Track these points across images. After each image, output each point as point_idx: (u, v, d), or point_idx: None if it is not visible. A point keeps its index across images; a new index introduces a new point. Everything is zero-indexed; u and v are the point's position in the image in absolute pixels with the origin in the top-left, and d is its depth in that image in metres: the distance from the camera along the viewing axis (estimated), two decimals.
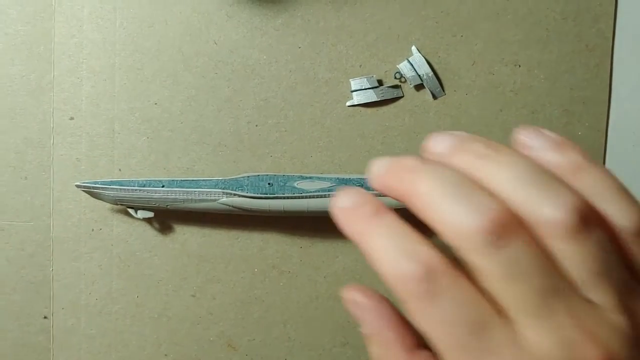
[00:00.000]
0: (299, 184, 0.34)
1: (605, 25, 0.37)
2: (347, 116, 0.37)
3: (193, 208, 0.35)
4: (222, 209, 0.34)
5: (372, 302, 0.22)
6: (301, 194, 0.34)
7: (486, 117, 0.37)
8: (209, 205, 0.34)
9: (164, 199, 0.34)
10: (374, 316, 0.22)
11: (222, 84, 0.37)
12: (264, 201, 0.34)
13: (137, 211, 0.35)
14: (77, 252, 0.37)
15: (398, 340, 0.22)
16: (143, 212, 0.35)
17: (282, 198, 0.34)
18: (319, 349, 0.38)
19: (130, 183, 0.34)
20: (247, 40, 0.36)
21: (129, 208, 0.35)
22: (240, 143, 0.37)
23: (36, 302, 0.37)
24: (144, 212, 0.35)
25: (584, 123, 0.37)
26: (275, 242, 0.37)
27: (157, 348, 0.38)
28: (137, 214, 0.35)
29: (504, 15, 0.36)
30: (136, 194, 0.34)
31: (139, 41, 0.36)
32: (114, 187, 0.34)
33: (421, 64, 0.36)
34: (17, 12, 0.36)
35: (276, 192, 0.34)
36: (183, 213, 0.36)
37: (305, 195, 0.34)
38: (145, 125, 0.37)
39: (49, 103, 0.36)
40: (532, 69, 0.37)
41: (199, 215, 0.36)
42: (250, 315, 0.38)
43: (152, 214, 0.35)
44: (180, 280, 0.37)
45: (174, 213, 0.36)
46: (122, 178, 0.36)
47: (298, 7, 0.36)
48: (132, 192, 0.34)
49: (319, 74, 0.37)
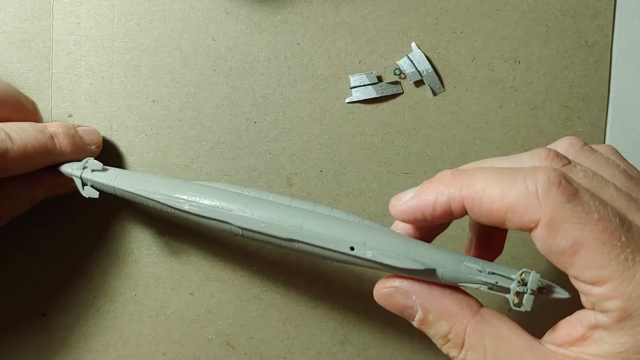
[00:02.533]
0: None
1: (605, 22, 0.37)
2: (347, 113, 0.37)
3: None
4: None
5: (419, 283, 0.24)
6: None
7: (486, 113, 0.37)
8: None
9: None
10: (427, 295, 0.23)
11: (221, 81, 0.36)
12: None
13: (84, 187, 0.32)
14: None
15: (461, 307, 0.23)
16: (89, 190, 0.32)
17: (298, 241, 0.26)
18: (318, 347, 0.38)
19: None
20: (246, 37, 0.36)
21: (79, 184, 0.32)
22: (239, 140, 0.37)
23: (35, 299, 0.37)
24: (89, 190, 0.32)
25: (584, 119, 0.37)
26: None
27: (156, 346, 0.37)
28: (83, 190, 0.32)
29: (504, 11, 0.36)
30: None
31: (137, 38, 0.36)
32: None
33: (421, 60, 0.36)
34: (15, 10, 0.36)
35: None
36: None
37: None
38: (143, 122, 0.36)
39: (48, 100, 0.36)
40: (532, 65, 0.37)
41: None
42: (249, 314, 0.37)
43: (97, 193, 0.32)
44: (178, 279, 0.37)
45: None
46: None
47: (297, 3, 0.36)
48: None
49: (318, 71, 0.36)
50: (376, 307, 0.25)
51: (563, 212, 0.20)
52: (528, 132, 0.37)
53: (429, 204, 0.23)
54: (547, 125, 0.37)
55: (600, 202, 0.20)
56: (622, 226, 0.19)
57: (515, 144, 0.37)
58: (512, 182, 0.21)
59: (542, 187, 0.20)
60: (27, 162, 0.30)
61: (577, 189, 0.20)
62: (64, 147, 0.32)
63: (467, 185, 0.22)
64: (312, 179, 0.37)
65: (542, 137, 0.37)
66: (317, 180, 0.37)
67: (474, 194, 0.21)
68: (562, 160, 0.23)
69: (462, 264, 0.23)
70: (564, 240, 0.20)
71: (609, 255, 0.19)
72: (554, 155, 0.23)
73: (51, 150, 0.31)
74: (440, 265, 0.23)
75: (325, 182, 0.37)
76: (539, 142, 0.37)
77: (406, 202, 0.23)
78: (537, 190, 0.20)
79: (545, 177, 0.20)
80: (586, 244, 0.19)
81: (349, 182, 0.37)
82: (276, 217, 0.26)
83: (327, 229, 0.25)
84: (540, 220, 0.20)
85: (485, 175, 0.21)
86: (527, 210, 0.20)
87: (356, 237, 0.24)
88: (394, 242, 0.24)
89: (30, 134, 0.30)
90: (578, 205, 0.20)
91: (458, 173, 0.22)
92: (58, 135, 0.32)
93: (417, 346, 0.38)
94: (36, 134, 0.31)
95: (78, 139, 0.33)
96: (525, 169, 0.21)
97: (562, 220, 0.20)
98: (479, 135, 0.37)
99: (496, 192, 0.21)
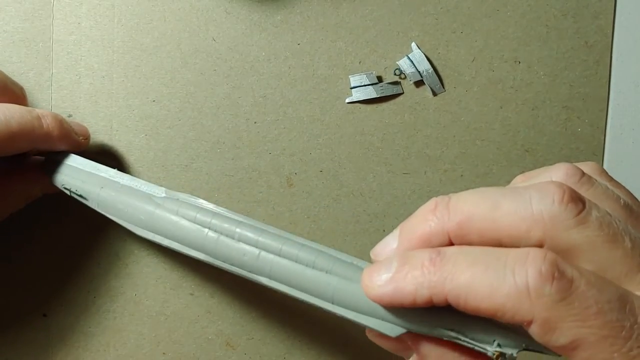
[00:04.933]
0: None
1: (605, 22, 0.37)
2: (347, 113, 0.37)
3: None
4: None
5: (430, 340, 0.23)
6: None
7: (486, 113, 0.37)
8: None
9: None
10: (423, 343, 0.23)
11: (221, 81, 0.36)
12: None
13: (71, 192, 0.32)
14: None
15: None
16: (78, 198, 0.32)
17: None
18: (319, 347, 0.38)
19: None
20: (246, 37, 0.36)
21: (65, 189, 0.32)
22: (239, 140, 0.37)
23: (35, 299, 0.37)
24: (79, 198, 0.32)
25: (584, 120, 0.37)
26: None
27: (156, 346, 0.37)
28: (71, 193, 0.32)
29: (504, 11, 0.36)
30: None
31: (137, 38, 0.36)
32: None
33: (421, 60, 0.36)
34: (15, 10, 0.36)
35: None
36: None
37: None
38: (143, 122, 0.36)
39: (48, 100, 0.36)
40: (532, 65, 0.37)
41: None
42: (249, 314, 0.37)
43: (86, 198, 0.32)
44: (178, 279, 0.37)
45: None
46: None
47: (297, 3, 0.36)
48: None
49: (318, 71, 0.36)
50: None
51: (558, 311, 0.18)
52: (528, 132, 0.37)
53: (409, 297, 0.21)
54: (547, 125, 0.37)
55: (598, 290, 0.18)
56: (623, 312, 0.18)
57: (515, 144, 0.37)
58: (501, 277, 0.19)
59: (534, 283, 0.18)
60: (11, 141, 0.29)
61: (571, 279, 0.19)
62: (51, 128, 0.31)
63: (451, 279, 0.20)
64: (312, 179, 0.37)
65: (542, 138, 0.37)
66: (317, 180, 0.37)
67: (459, 290, 0.20)
68: (577, 205, 0.20)
69: (436, 328, 0.22)
70: (561, 338, 0.18)
71: (611, 348, 0.18)
72: (568, 200, 0.20)
73: (37, 130, 0.30)
74: (415, 329, 0.22)
75: (325, 182, 0.37)
76: (539, 143, 0.37)
77: (381, 287, 0.22)
78: (527, 288, 0.19)
79: (536, 272, 0.19)
80: (586, 340, 0.18)
81: (349, 181, 0.37)
82: (243, 272, 0.27)
83: (295, 283, 0.25)
84: (534, 320, 0.19)
85: (469, 268, 0.20)
86: (518, 310, 0.19)
87: (324, 294, 0.24)
88: (364, 298, 0.23)
89: (15, 111, 0.29)
90: (574, 301, 0.18)
91: (438, 261, 0.20)
92: (46, 117, 0.31)
93: None
94: (22, 112, 0.30)
95: (66, 124, 0.32)
96: (513, 258, 0.19)
97: (558, 320, 0.18)
98: (479, 135, 0.37)
99: (483, 289, 0.19)
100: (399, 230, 0.23)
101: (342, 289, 0.24)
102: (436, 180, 0.37)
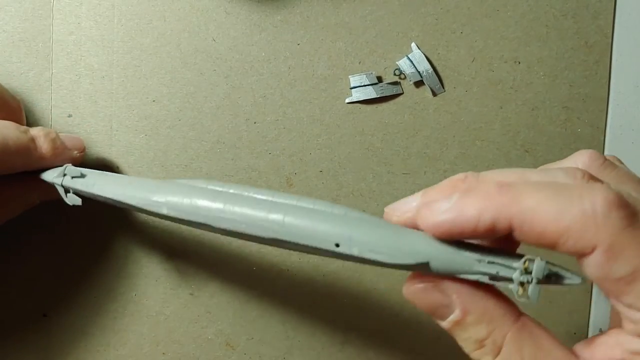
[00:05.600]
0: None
1: (605, 22, 0.37)
2: (346, 113, 0.37)
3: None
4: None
5: (460, 281, 0.21)
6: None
7: (486, 113, 0.37)
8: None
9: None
10: (470, 295, 0.21)
11: (221, 81, 0.36)
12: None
13: (67, 194, 0.31)
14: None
15: (504, 312, 0.21)
16: (72, 198, 0.31)
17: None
18: (318, 347, 0.38)
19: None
20: (246, 37, 0.36)
21: (63, 189, 0.31)
22: (239, 140, 0.37)
23: (35, 299, 0.37)
24: (72, 198, 0.31)
25: (584, 120, 0.37)
26: None
27: (155, 346, 0.37)
28: (66, 197, 0.31)
29: (504, 12, 0.36)
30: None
31: (137, 38, 0.36)
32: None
33: (421, 60, 0.36)
34: (15, 9, 0.36)
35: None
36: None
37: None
38: (143, 122, 0.36)
39: (47, 100, 0.36)
40: (532, 65, 0.37)
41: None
42: (248, 314, 0.37)
43: (80, 201, 0.31)
44: (178, 279, 0.37)
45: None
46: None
47: (297, 3, 0.36)
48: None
49: (317, 71, 0.36)
50: (376, 307, 0.25)
51: (623, 237, 0.18)
52: (528, 132, 0.37)
53: (471, 221, 0.20)
54: (547, 125, 0.37)
55: None
56: None
57: (515, 145, 0.37)
58: (568, 201, 0.19)
59: (601, 208, 0.18)
60: (7, 159, 0.29)
61: (636, 211, 0.19)
62: (44, 151, 0.31)
63: (517, 202, 0.19)
64: (312, 179, 0.37)
65: (542, 138, 0.37)
66: (317, 180, 0.37)
67: (525, 213, 0.19)
68: (597, 183, 0.21)
69: (458, 252, 0.21)
70: (623, 267, 0.18)
71: None
72: (588, 177, 0.21)
73: (32, 152, 0.30)
74: (435, 256, 0.21)
75: (325, 182, 0.37)
76: (539, 143, 0.37)
77: (442, 213, 0.21)
78: (595, 212, 0.18)
79: (603, 198, 0.19)
80: None
81: (349, 182, 0.37)
82: (256, 215, 0.24)
83: (311, 225, 0.23)
84: (597, 246, 0.18)
85: (537, 192, 0.19)
86: (583, 235, 0.18)
87: (342, 232, 0.22)
88: (383, 234, 0.22)
89: (12, 131, 0.30)
90: (638, 229, 0.18)
91: (505, 187, 0.20)
92: (39, 138, 0.31)
93: (417, 346, 0.38)
94: (18, 133, 0.30)
95: (59, 143, 0.32)
96: (579, 187, 0.19)
97: (623, 246, 0.18)
98: (479, 135, 0.37)
99: (551, 212, 0.19)
100: (421, 193, 0.23)
101: (361, 224, 0.23)
102: (436, 180, 0.37)
